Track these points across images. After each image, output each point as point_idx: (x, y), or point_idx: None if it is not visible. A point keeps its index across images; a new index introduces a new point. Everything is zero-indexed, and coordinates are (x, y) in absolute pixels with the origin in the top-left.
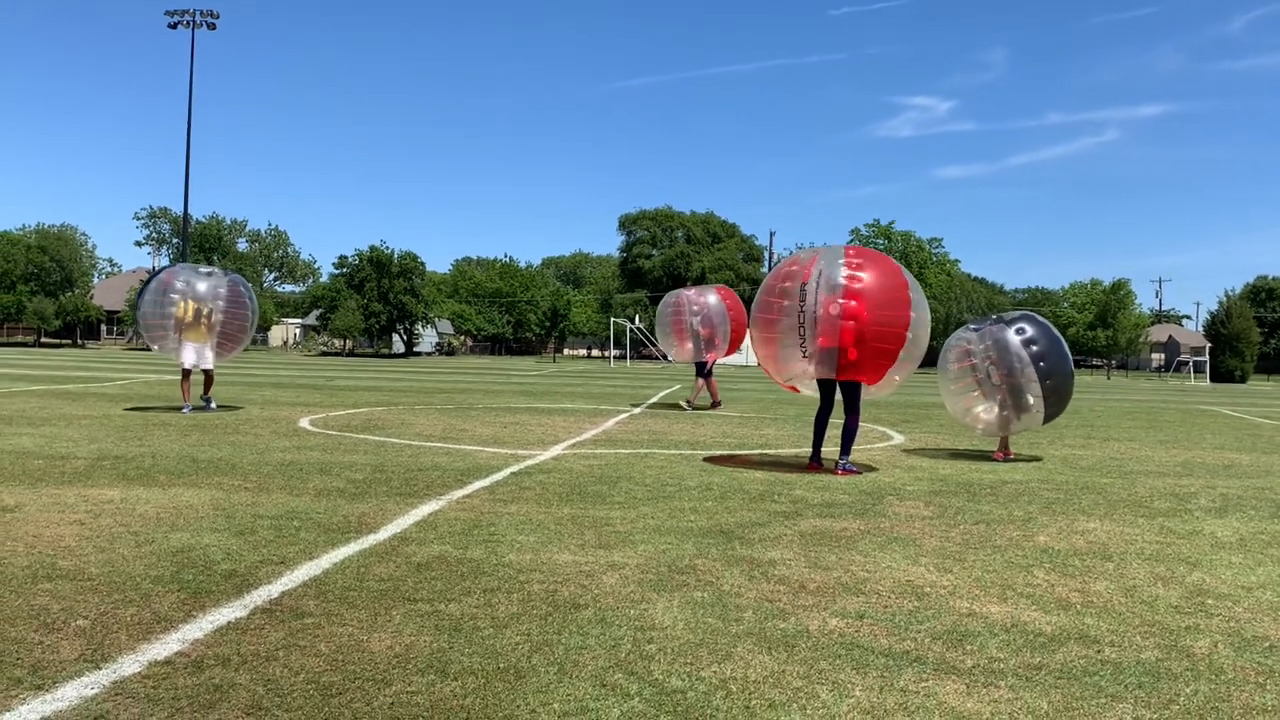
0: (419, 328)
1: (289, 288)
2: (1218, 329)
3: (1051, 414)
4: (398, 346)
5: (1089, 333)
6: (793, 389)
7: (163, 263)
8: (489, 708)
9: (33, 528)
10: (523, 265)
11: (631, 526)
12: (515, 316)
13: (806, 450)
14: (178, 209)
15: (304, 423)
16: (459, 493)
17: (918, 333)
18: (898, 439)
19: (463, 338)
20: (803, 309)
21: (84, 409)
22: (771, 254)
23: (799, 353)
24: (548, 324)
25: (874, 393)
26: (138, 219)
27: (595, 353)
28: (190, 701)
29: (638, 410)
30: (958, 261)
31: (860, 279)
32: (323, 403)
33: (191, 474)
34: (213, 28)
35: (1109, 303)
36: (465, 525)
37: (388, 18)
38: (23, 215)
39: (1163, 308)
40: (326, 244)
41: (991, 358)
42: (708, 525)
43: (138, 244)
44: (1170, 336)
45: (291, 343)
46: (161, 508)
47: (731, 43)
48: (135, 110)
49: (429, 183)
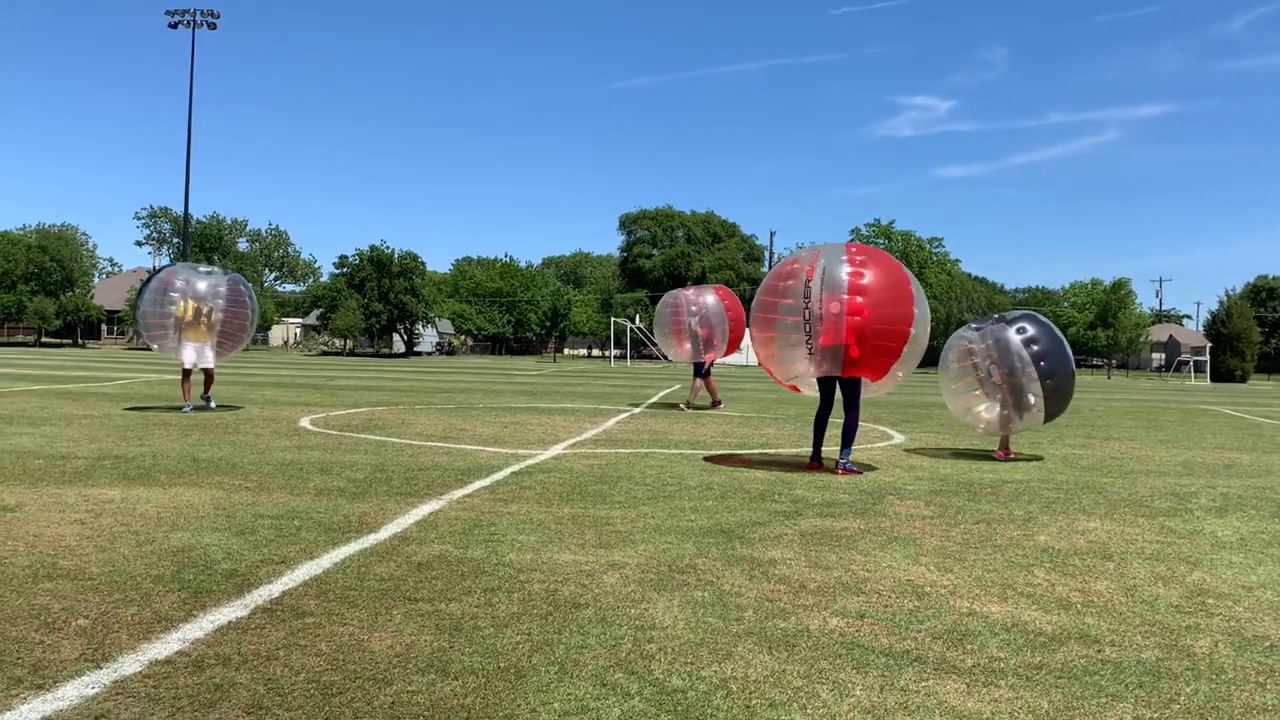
0: (419, 327)
1: (289, 287)
2: (1218, 329)
3: (1053, 414)
4: (398, 346)
5: (1089, 332)
6: (794, 388)
7: (163, 262)
8: (489, 707)
9: (33, 527)
10: (523, 265)
11: (632, 526)
12: (515, 316)
13: (807, 450)
14: (178, 209)
15: (304, 422)
16: (459, 492)
17: (919, 329)
18: (898, 438)
19: (463, 337)
20: (807, 306)
21: (84, 409)
22: (772, 253)
23: (802, 351)
24: (548, 324)
25: (876, 390)
26: (138, 219)
27: (595, 352)
28: (191, 701)
29: (638, 410)
30: (958, 261)
31: (863, 275)
32: (323, 402)
33: (192, 473)
34: (213, 27)
35: (1109, 302)
36: (466, 525)
37: (388, 18)
38: (23, 215)
39: (1163, 307)
40: (327, 244)
41: (993, 357)
42: (708, 525)
43: (138, 244)
44: (1171, 336)
45: (292, 342)
46: (162, 507)
47: (732, 42)
48: (135, 110)
49: (429, 182)
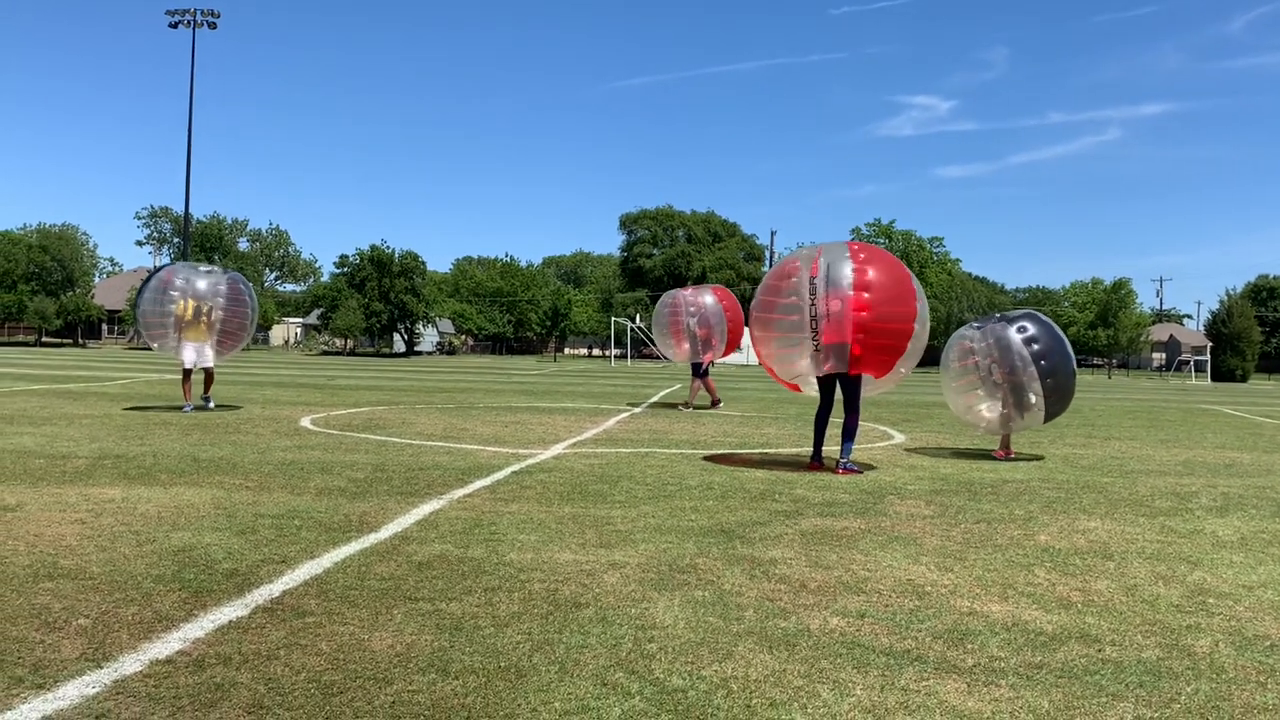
0: (420, 327)
1: (290, 287)
2: (1219, 328)
3: (1053, 413)
4: (399, 346)
5: (1090, 332)
6: (795, 388)
7: (164, 262)
8: (490, 706)
9: (34, 527)
10: (523, 265)
11: (632, 525)
12: (516, 316)
13: (807, 449)
14: (179, 208)
15: (305, 422)
16: (460, 492)
17: (921, 327)
18: (899, 438)
19: (464, 337)
20: (814, 303)
21: (85, 408)
22: (772, 253)
23: (806, 349)
24: (548, 323)
25: (880, 387)
26: (139, 218)
27: (596, 352)
28: (192, 700)
29: (638, 409)
30: (958, 261)
31: (868, 273)
32: (324, 402)
33: (193, 473)
34: (213, 27)
35: (1110, 302)
36: (466, 524)
37: (388, 18)
38: (24, 215)
39: (1164, 307)
40: (327, 243)
41: (993, 356)
42: (709, 524)
43: (139, 243)
44: (1171, 336)
45: (293, 342)
46: (163, 507)
47: (732, 42)
48: (136, 110)
49: (430, 182)
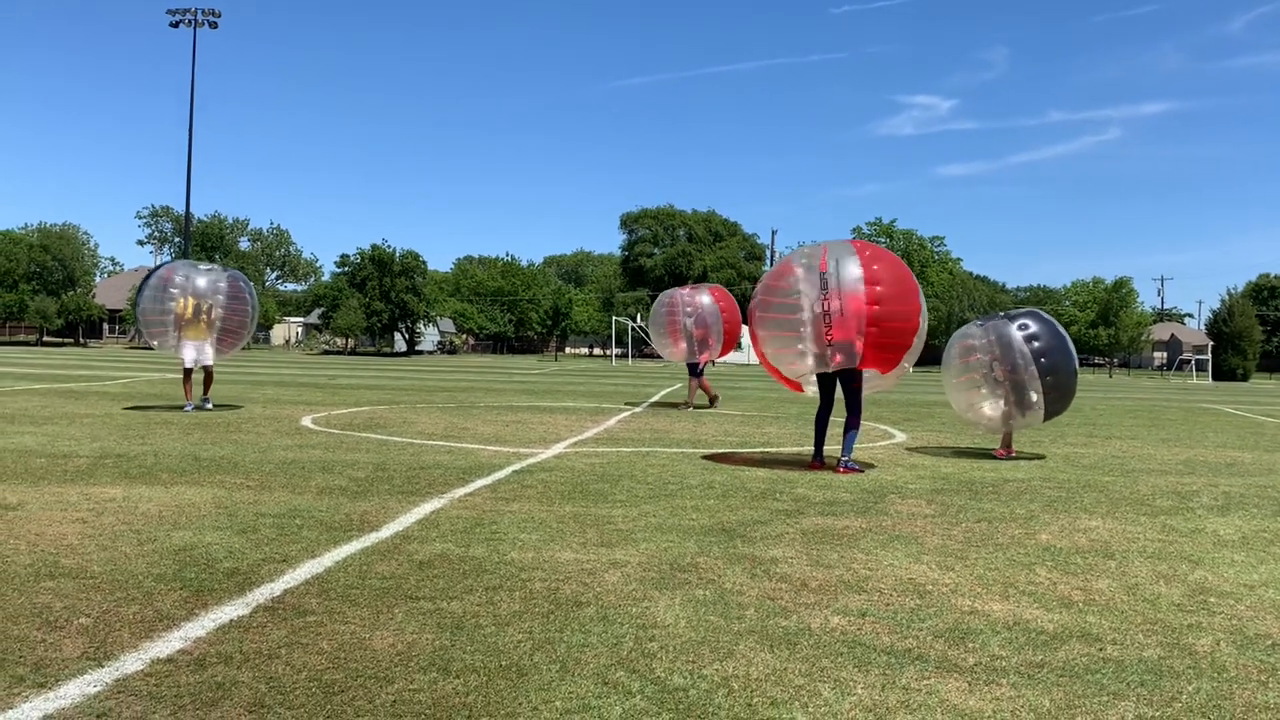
0: (421, 326)
1: (291, 286)
2: (1220, 327)
3: (1053, 412)
4: (399, 345)
5: (1091, 331)
6: (797, 387)
7: (165, 261)
8: (491, 705)
9: (35, 526)
10: (524, 264)
11: (633, 525)
12: (517, 315)
13: (808, 449)
14: (180, 208)
15: (306, 421)
16: (461, 491)
17: (924, 322)
18: (900, 437)
19: (464, 336)
20: (825, 298)
21: (86, 407)
22: (773, 252)
23: (812, 346)
24: (549, 323)
25: (884, 383)
26: (139, 218)
27: (597, 351)
28: (193, 699)
29: (639, 409)
30: (959, 260)
31: (875, 270)
32: (325, 401)
33: (194, 472)
34: (214, 26)
35: (1111, 301)
36: (467, 523)
37: (388, 18)
38: (25, 214)
39: (1165, 306)
40: (328, 243)
41: (995, 353)
42: (710, 523)
43: (140, 243)
44: (1172, 335)
45: (294, 341)
46: (164, 506)
47: (733, 41)
48: (136, 109)
49: (430, 182)
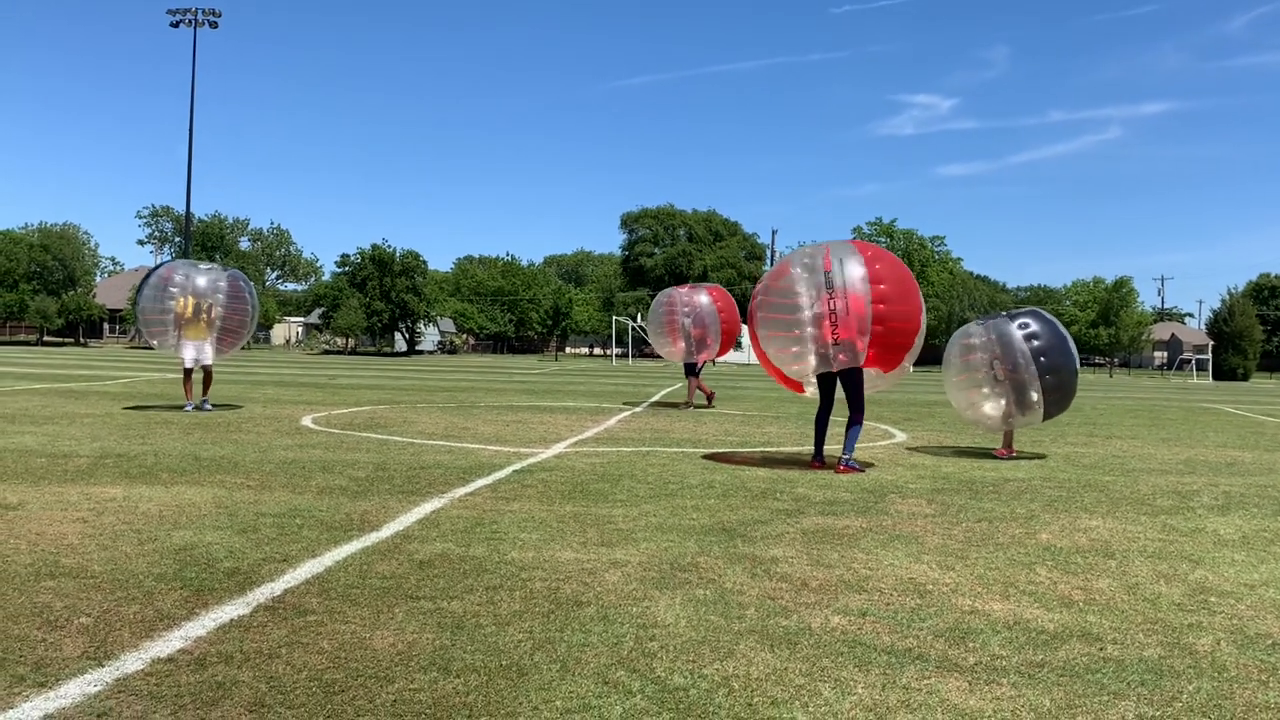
0: (421, 326)
1: (291, 286)
2: (1220, 327)
3: (1051, 411)
4: (400, 345)
5: (1091, 331)
6: (798, 388)
7: (165, 260)
8: (491, 705)
9: (36, 525)
10: (525, 264)
11: (634, 524)
12: (517, 315)
13: (808, 448)
14: (180, 207)
15: (306, 421)
16: (461, 490)
17: (924, 321)
18: (900, 437)
19: (465, 336)
20: (832, 298)
21: (86, 407)
22: (773, 252)
23: (815, 346)
24: (550, 322)
25: (885, 382)
26: (140, 218)
27: (597, 351)
28: (193, 699)
29: (639, 408)
30: (960, 260)
31: (878, 270)
32: (325, 401)
33: (194, 472)
34: (214, 26)
35: (1111, 301)
36: (468, 523)
37: (388, 18)
38: (25, 214)
39: (1165, 306)
40: (329, 242)
41: (995, 352)
42: (710, 523)
43: (140, 242)
44: (1173, 334)
45: (294, 341)
46: (164, 506)
47: (733, 41)
48: (137, 109)
49: (431, 181)
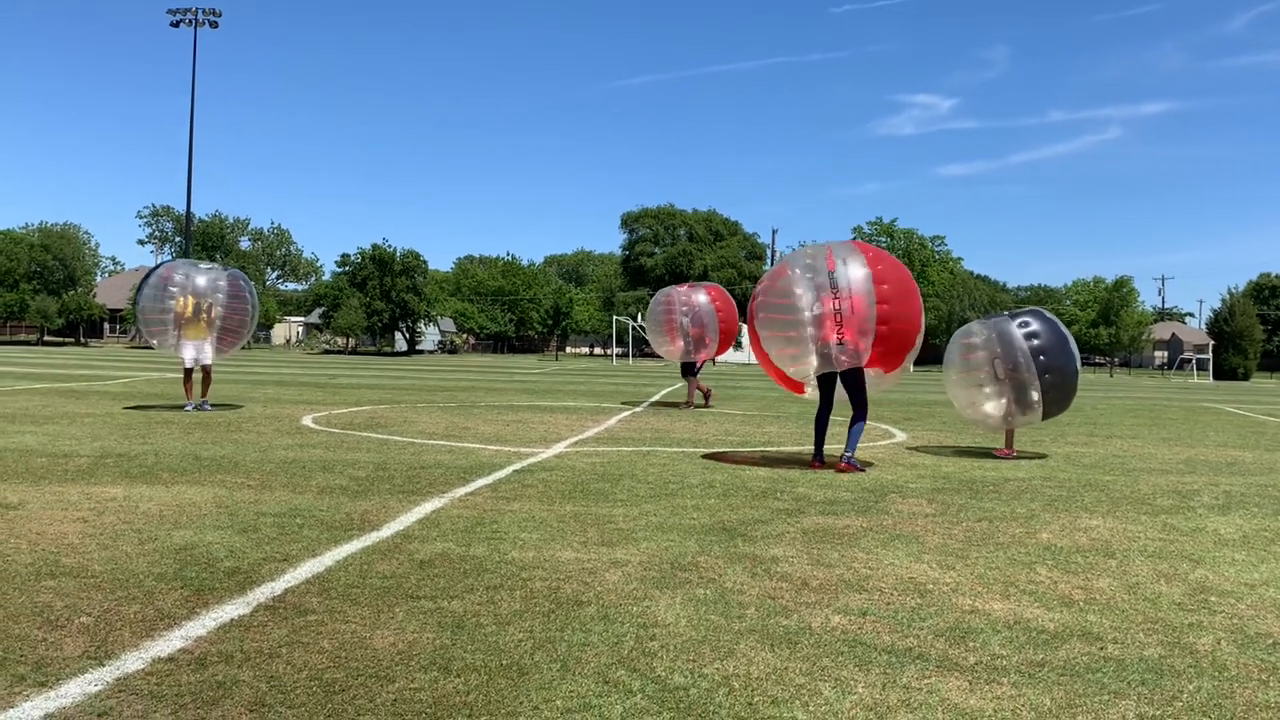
0: (421, 326)
1: (292, 286)
2: (1221, 327)
3: (1052, 410)
4: (400, 345)
5: (1092, 330)
6: (799, 389)
7: (165, 260)
8: (492, 704)
9: (36, 525)
10: (525, 263)
11: (634, 524)
12: (518, 315)
13: (809, 448)
14: (181, 207)
15: (307, 421)
16: (462, 490)
17: (923, 323)
18: (900, 436)
19: (465, 336)
20: (836, 298)
21: (87, 407)
22: (774, 251)
23: (815, 347)
24: (550, 322)
25: (886, 383)
26: (140, 217)
27: (598, 351)
28: (194, 698)
29: (640, 408)
30: (960, 259)
31: (880, 270)
32: (325, 401)
33: (194, 472)
34: (215, 25)
35: (1112, 300)
36: (468, 523)
37: (388, 17)
38: (25, 214)
39: (1165, 305)
40: (329, 242)
41: (995, 351)
42: (710, 523)
43: (140, 242)
44: (1173, 334)
45: (294, 341)
46: (164, 505)
47: (733, 41)
48: (137, 109)
49: (431, 181)
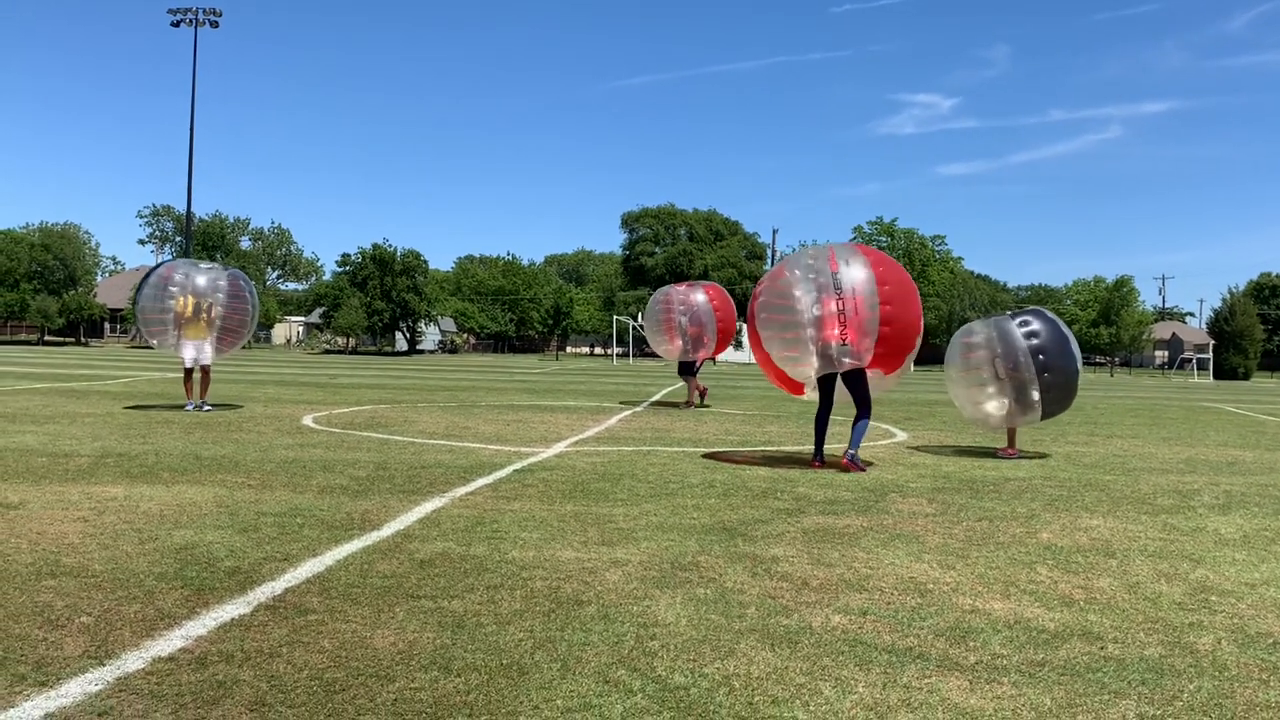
0: (422, 326)
1: (292, 286)
2: (1221, 326)
3: (1052, 410)
4: (401, 344)
5: (1092, 330)
6: (799, 390)
7: (166, 260)
8: (492, 704)
9: (37, 525)
10: (525, 263)
11: (634, 523)
12: (518, 314)
13: (809, 448)
14: (181, 207)
15: (307, 420)
16: (462, 490)
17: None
18: (901, 436)
19: (465, 335)
20: (840, 300)
21: (87, 407)
22: (774, 251)
23: (816, 348)
24: (550, 322)
25: (887, 383)
26: (141, 217)
27: (598, 350)
28: (194, 698)
29: (640, 408)
30: (960, 259)
31: (882, 271)
32: (326, 400)
33: (195, 471)
34: (215, 25)
35: (1112, 300)
36: (468, 522)
37: (388, 17)
38: (26, 214)
39: (1166, 305)
40: (329, 242)
41: (996, 350)
42: (710, 522)
43: (141, 242)
44: (1174, 334)
45: (295, 341)
46: (165, 505)
47: (734, 40)
48: (137, 109)
49: (431, 181)
